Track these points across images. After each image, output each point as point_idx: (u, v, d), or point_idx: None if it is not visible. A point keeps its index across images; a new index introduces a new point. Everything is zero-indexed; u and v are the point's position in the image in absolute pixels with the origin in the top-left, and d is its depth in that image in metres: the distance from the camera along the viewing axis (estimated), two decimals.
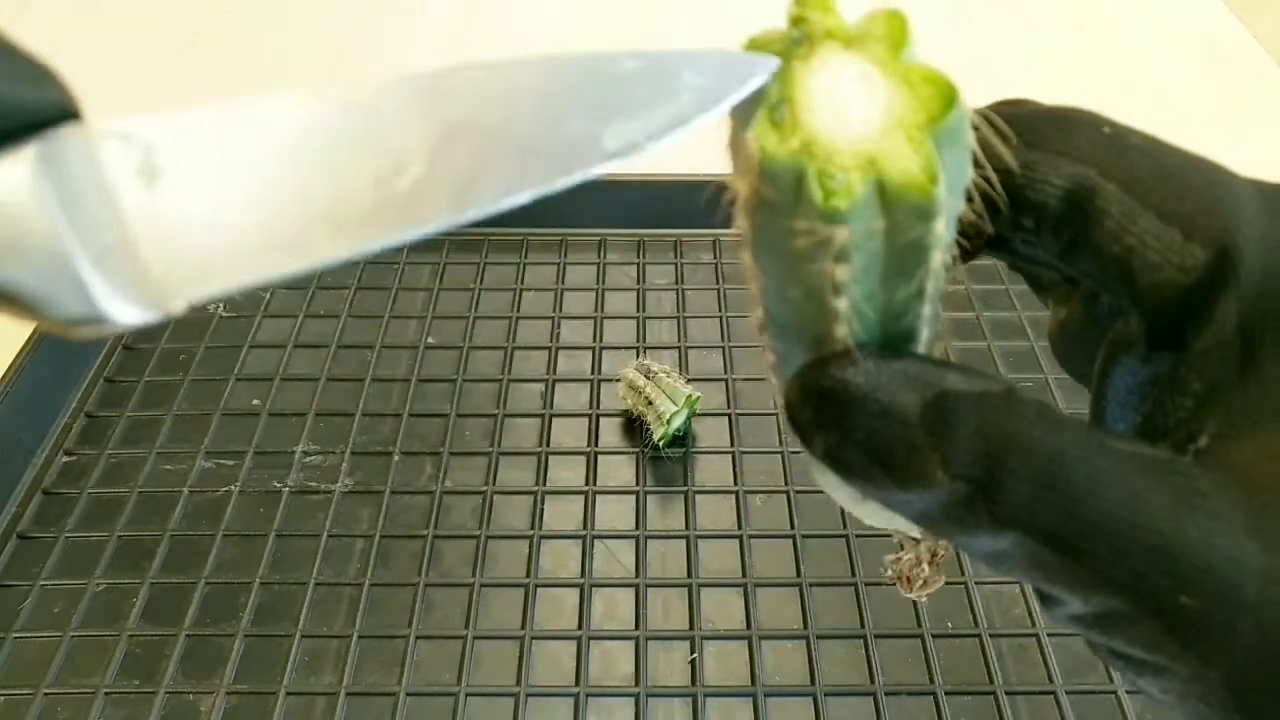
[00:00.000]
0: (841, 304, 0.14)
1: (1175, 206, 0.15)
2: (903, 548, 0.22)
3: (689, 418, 0.46)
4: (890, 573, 0.23)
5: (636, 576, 0.41)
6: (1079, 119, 0.16)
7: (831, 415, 0.14)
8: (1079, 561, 0.14)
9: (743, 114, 0.13)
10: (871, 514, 0.20)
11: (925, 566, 0.22)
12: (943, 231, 0.13)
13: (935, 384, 0.14)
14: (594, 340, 0.52)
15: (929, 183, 0.12)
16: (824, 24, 0.12)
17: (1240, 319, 0.15)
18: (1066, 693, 0.37)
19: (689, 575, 0.41)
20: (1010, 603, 0.40)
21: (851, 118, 0.12)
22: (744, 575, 0.41)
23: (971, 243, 0.15)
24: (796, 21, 0.12)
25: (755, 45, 0.13)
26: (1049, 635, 0.39)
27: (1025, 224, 0.16)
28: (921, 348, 0.16)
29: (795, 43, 0.12)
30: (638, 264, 0.57)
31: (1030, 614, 0.40)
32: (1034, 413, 0.14)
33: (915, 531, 0.21)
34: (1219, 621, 0.13)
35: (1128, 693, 0.37)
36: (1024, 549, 0.14)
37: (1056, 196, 0.16)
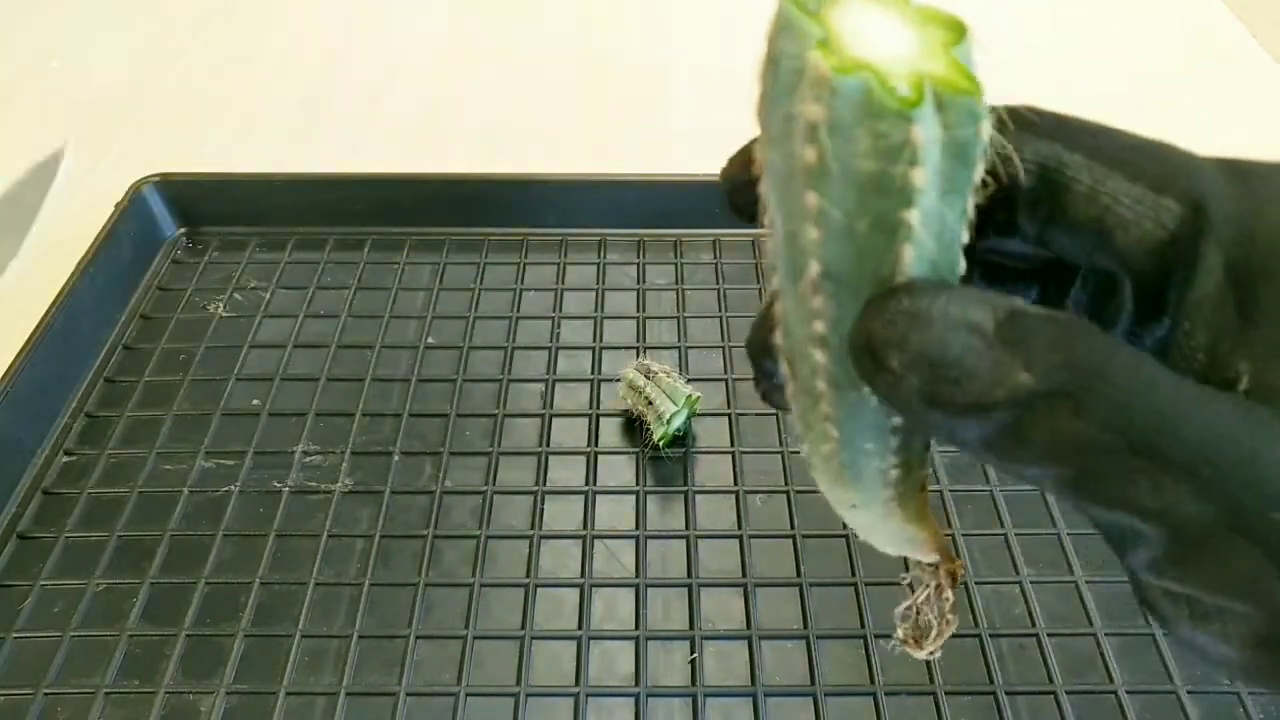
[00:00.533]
0: (914, 216, 0.14)
1: (1141, 168, 0.16)
2: (914, 589, 0.22)
3: (689, 418, 0.46)
4: (900, 633, 0.22)
5: (636, 576, 0.41)
6: (1039, 110, 0.17)
7: (905, 334, 0.14)
8: (1169, 471, 0.14)
9: (774, 70, 0.14)
10: (889, 538, 0.21)
11: (949, 593, 0.22)
12: (986, 136, 0.14)
13: (1004, 305, 0.14)
14: (594, 340, 0.52)
15: (974, 84, 0.14)
16: None
17: (1228, 268, 0.16)
18: (1066, 693, 0.37)
19: (689, 575, 0.41)
20: (1010, 603, 0.40)
21: (888, 46, 0.14)
22: (744, 575, 0.41)
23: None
24: None
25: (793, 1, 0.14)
26: (1049, 635, 0.39)
27: (999, 215, 0.17)
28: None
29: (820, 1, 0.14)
30: (638, 264, 0.57)
31: (1030, 614, 0.40)
32: (1103, 333, 0.15)
33: (930, 556, 0.21)
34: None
35: (1128, 693, 0.37)
36: (1109, 461, 0.14)
37: (1029, 171, 0.16)
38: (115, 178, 0.58)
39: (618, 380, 0.47)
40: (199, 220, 0.59)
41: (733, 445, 0.47)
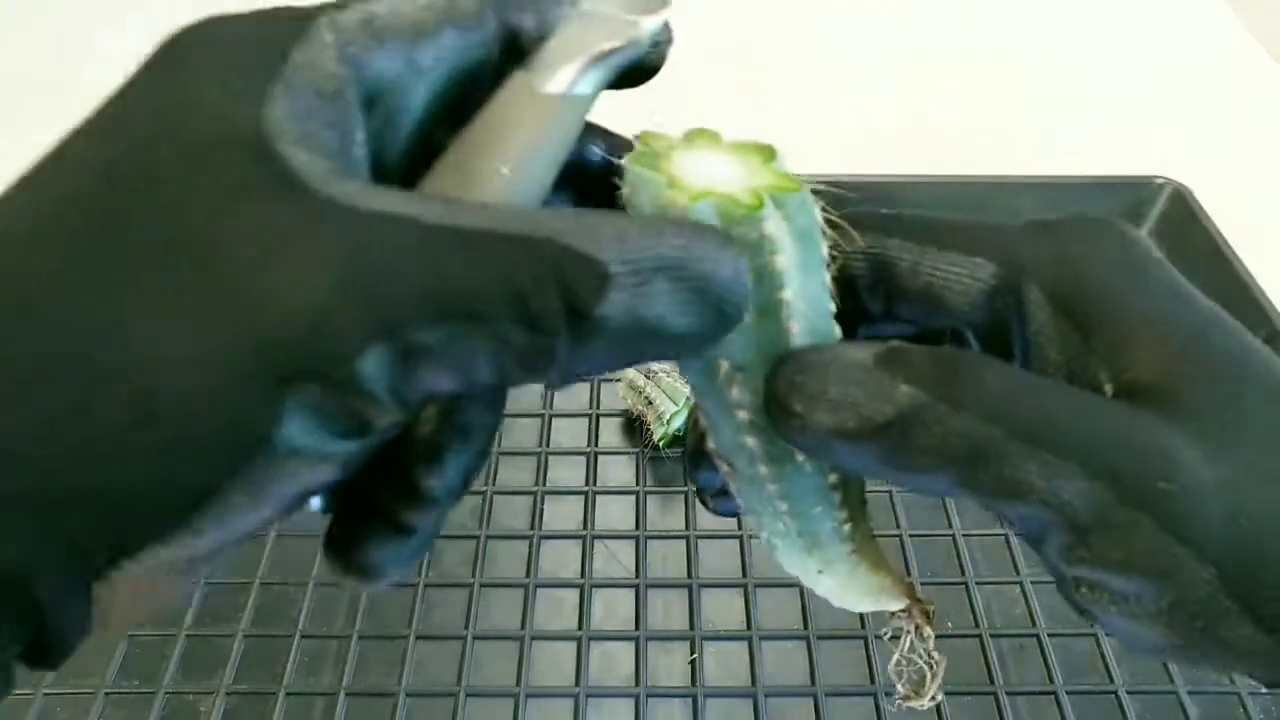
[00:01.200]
0: (788, 294, 0.17)
1: (952, 239, 0.19)
2: (897, 641, 0.24)
3: (689, 418, 0.46)
4: (900, 689, 0.25)
5: (636, 576, 0.41)
6: (867, 211, 0.20)
7: (803, 382, 0.17)
8: (1053, 452, 0.15)
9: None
10: (860, 592, 0.23)
11: (928, 630, 0.24)
12: (821, 220, 0.18)
13: (881, 344, 0.17)
14: None
15: (797, 183, 0.17)
16: (665, 142, 0.18)
17: (1053, 299, 0.18)
18: (1067, 693, 0.37)
19: (689, 575, 0.41)
20: (1010, 603, 0.40)
21: (722, 175, 0.17)
22: (744, 575, 0.41)
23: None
24: (648, 148, 0.17)
25: (636, 159, 0.17)
26: (1049, 635, 0.39)
27: (849, 304, 0.19)
28: None
29: (657, 154, 0.17)
30: None
31: (1030, 614, 0.40)
32: (972, 352, 0.18)
33: (900, 601, 0.23)
34: (1199, 510, 0.15)
35: (1128, 693, 0.37)
36: (996, 451, 0.16)
37: (860, 262, 0.20)
38: None
39: (618, 380, 0.47)
40: None
41: None
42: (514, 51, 0.17)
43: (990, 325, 0.19)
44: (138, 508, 0.13)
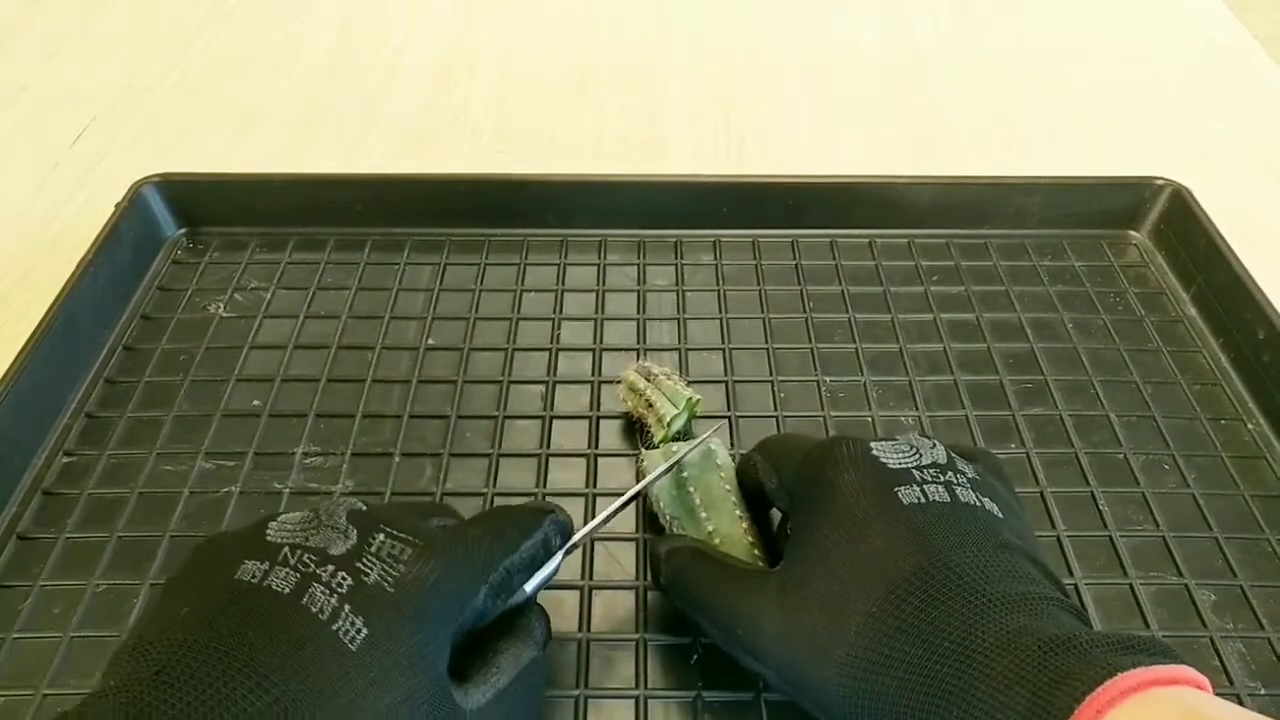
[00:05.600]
0: (690, 483, 0.40)
1: (770, 458, 0.36)
2: None
3: (689, 420, 0.46)
4: None
5: (636, 578, 0.41)
6: (767, 439, 0.38)
7: (655, 551, 0.37)
8: (699, 613, 0.34)
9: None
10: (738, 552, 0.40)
11: None
12: (718, 447, 0.41)
13: (667, 545, 0.36)
14: (594, 342, 0.52)
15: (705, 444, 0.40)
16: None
17: (787, 492, 0.35)
18: None
19: None
20: None
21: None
22: None
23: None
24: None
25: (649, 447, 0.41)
26: None
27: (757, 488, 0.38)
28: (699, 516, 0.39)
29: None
30: (638, 265, 0.57)
31: None
32: (690, 553, 0.35)
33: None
34: (764, 643, 0.31)
35: None
36: (689, 610, 0.35)
37: (748, 462, 0.38)
38: (115, 178, 0.58)
39: (618, 382, 0.47)
40: (199, 220, 0.59)
41: (733, 447, 0.47)
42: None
43: (790, 505, 0.34)
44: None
